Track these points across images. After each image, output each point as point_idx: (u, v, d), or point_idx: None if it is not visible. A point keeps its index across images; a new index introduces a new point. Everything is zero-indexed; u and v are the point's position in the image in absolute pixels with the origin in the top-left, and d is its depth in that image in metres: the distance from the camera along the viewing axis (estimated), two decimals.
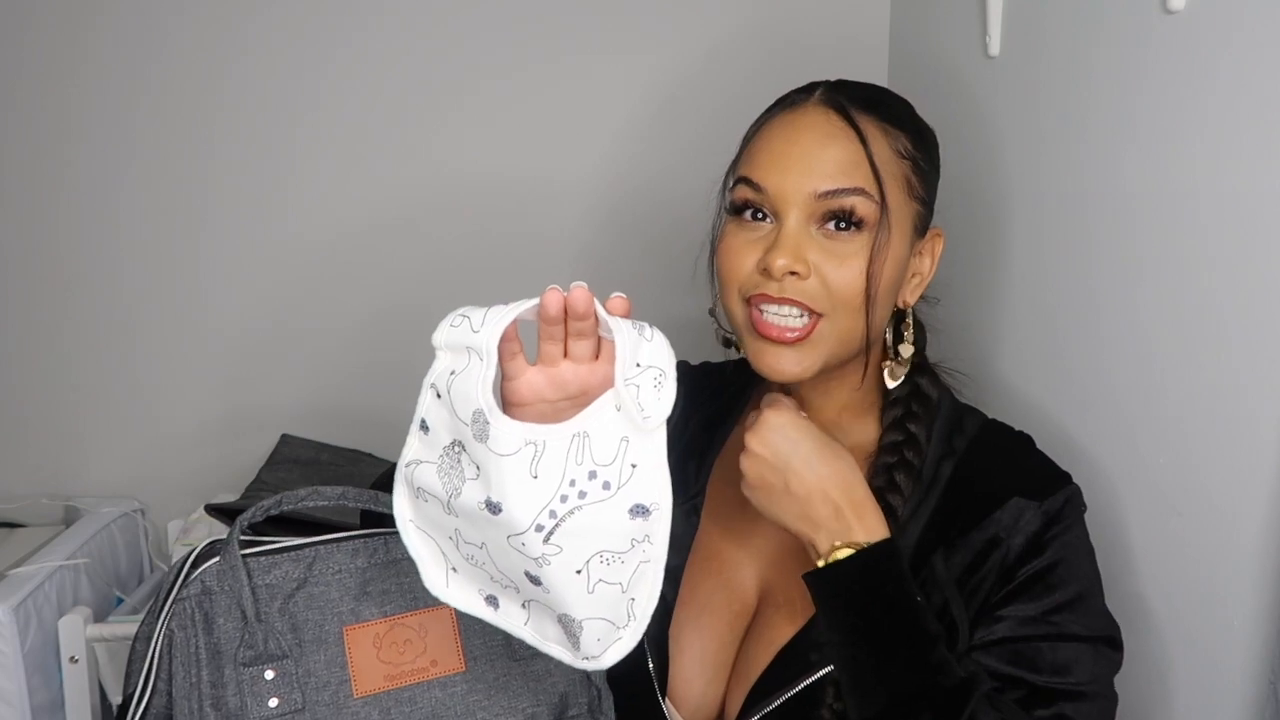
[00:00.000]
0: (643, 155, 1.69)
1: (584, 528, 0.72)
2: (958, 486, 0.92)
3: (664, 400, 0.73)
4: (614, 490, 0.72)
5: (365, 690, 0.84)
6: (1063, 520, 0.88)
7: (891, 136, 0.92)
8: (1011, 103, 1.19)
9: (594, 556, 0.73)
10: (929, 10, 1.46)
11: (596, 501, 0.72)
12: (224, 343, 1.71)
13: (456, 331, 0.73)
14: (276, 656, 0.83)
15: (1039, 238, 1.15)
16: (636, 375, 0.72)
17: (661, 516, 0.74)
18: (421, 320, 1.66)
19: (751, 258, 0.91)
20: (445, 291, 1.70)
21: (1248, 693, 0.87)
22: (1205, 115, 0.89)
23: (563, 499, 0.71)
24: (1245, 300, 0.85)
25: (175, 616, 0.82)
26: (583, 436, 0.72)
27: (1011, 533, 0.87)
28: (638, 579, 0.75)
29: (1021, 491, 0.89)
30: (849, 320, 0.90)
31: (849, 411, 0.99)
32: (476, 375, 0.71)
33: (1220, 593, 0.89)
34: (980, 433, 0.96)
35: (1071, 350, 1.10)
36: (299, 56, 1.63)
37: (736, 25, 1.64)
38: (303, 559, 0.86)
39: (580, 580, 0.73)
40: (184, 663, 0.81)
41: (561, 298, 0.71)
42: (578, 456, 0.71)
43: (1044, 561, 0.87)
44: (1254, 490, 0.85)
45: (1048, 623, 0.86)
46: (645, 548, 0.74)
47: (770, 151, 0.92)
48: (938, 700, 0.80)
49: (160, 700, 0.81)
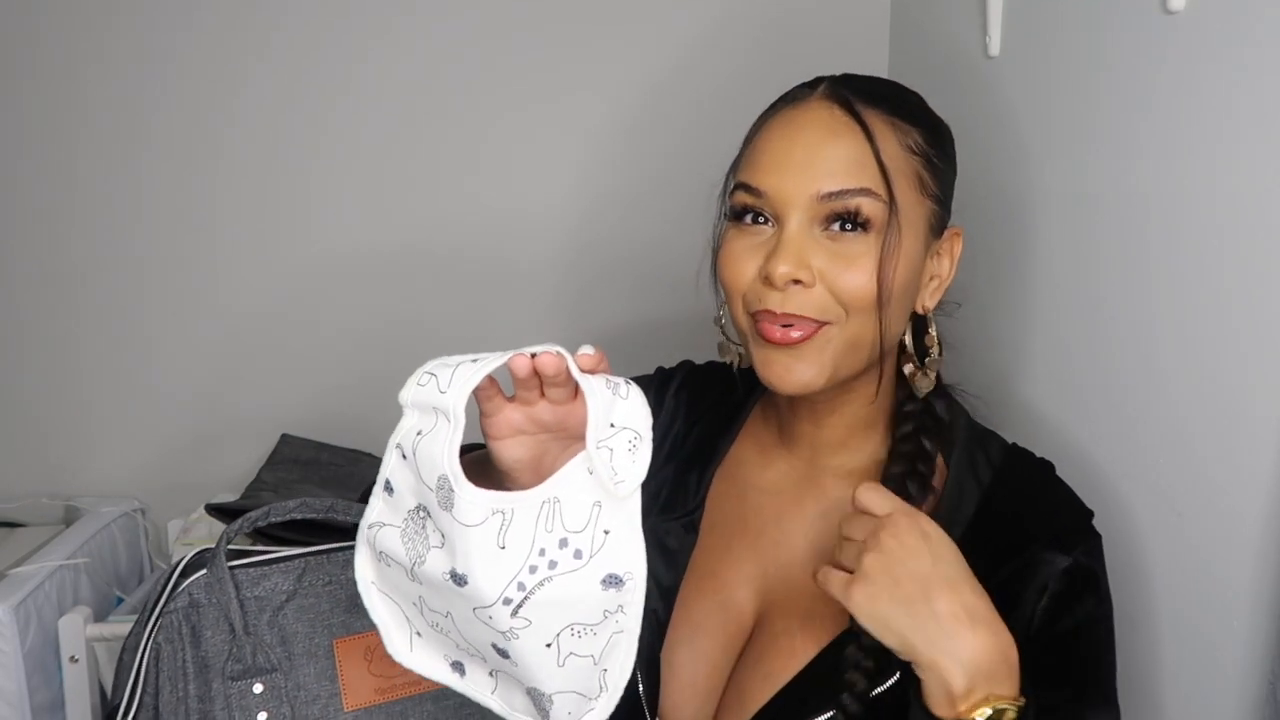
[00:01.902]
0: (641, 158, 1.68)
1: (554, 600, 0.69)
2: (984, 523, 0.87)
3: (639, 464, 0.70)
4: (586, 559, 0.69)
5: (356, 704, 0.83)
6: (1087, 576, 0.84)
7: (901, 132, 0.86)
8: (1011, 103, 1.18)
9: (565, 629, 0.70)
10: (929, 10, 1.45)
11: (567, 572, 0.69)
12: (224, 343, 1.71)
13: (424, 391, 0.70)
14: (265, 670, 0.82)
15: (1039, 239, 1.14)
16: (610, 437, 0.69)
17: (635, 586, 0.71)
18: (422, 320, 1.71)
19: (753, 264, 0.86)
20: (446, 291, 1.71)
21: (1247, 692, 0.87)
22: (1205, 116, 0.88)
23: (532, 570, 0.68)
24: (1246, 300, 0.84)
25: (162, 630, 0.81)
26: (553, 502, 0.69)
27: (1034, 588, 0.82)
28: (610, 650, 0.72)
29: (1045, 539, 0.84)
30: (861, 325, 0.85)
31: (859, 431, 0.94)
32: (443, 438, 0.68)
33: (1220, 593, 0.89)
34: (1004, 463, 0.91)
35: (1070, 350, 1.09)
36: (299, 72, 1.64)
37: (736, 26, 1.63)
38: (292, 570, 0.85)
39: (550, 654, 0.70)
40: (170, 676, 0.81)
41: (529, 363, 0.69)
42: (548, 523, 0.68)
43: (1068, 623, 0.82)
44: (1254, 490, 0.84)
45: (1066, 690, 0.81)
46: (619, 618, 0.71)
47: (769, 152, 0.87)
48: None
49: (147, 714, 0.81)
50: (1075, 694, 0.83)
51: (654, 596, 0.95)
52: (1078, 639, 0.83)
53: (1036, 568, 0.83)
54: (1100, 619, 0.85)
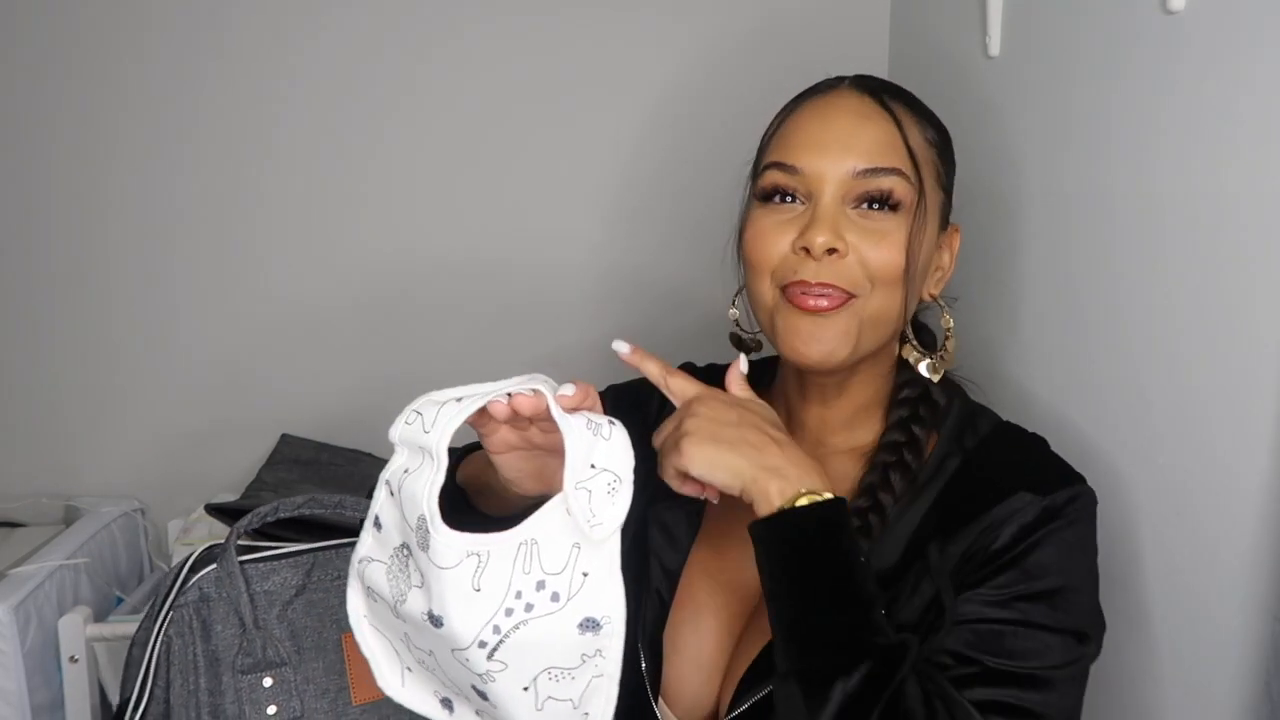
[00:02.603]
0: (649, 165, 1.69)
1: (530, 643, 0.68)
2: (962, 481, 0.91)
3: (618, 506, 0.70)
4: (563, 602, 0.69)
5: (364, 698, 0.84)
6: (1062, 516, 0.85)
7: (920, 124, 0.92)
8: (1011, 103, 1.19)
9: (542, 673, 0.70)
10: (929, 10, 1.45)
11: (544, 615, 0.68)
12: (225, 343, 1.72)
13: (410, 430, 0.70)
14: (275, 664, 0.82)
15: (1038, 238, 1.14)
16: (590, 478, 0.70)
17: (614, 631, 0.71)
18: (423, 320, 1.71)
19: (785, 239, 0.89)
20: (447, 291, 1.71)
21: (1244, 692, 0.87)
22: (1205, 115, 0.88)
23: (508, 613, 0.68)
24: (1244, 299, 0.85)
25: (173, 623, 0.82)
26: (530, 544, 0.68)
27: (1005, 522, 0.85)
28: (591, 694, 0.72)
29: (1026, 486, 0.86)
30: (886, 299, 0.88)
31: (863, 412, 0.97)
32: (426, 478, 0.68)
33: (1218, 592, 0.89)
34: (992, 433, 0.95)
35: (1069, 349, 1.10)
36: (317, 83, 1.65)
37: (736, 27, 1.64)
38: (301, 565, 0.86)
39: (528, 697, 0.70)
40: (181, 670, 0.81)
41: (506, 408, 0.71)
42: (525, 565, 0.68)
43: (1027, 550, 0.84)
44: (1251, 490, 0.84)
45: (1014, 609, 0.83)
46: (598, 662, 0.71)
47: (804, 133, 0.90)
48: (875, 658, 0.77)
49: (158, 708, 0.81)
50: (1022, 594, 0.83)
51: (658, 577, 0.98)
52: (1038, 553, 0.84)
53: (1011, 507, 0.85)
54: (1071, 548, 0.86)
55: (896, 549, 0.89)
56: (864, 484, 0.92)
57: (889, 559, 0.88)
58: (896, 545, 0.89)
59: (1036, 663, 0.82)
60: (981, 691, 0.80)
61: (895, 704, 0.76)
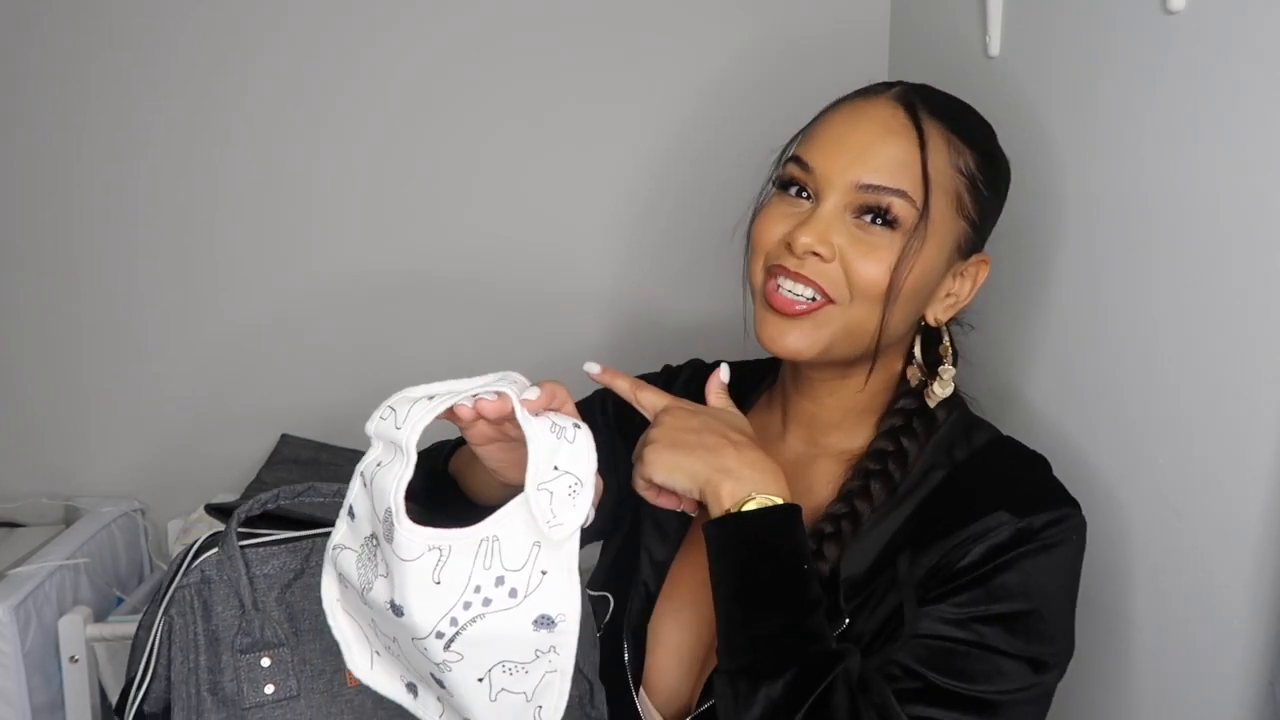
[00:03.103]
0: (652, 166, 1.70)
1: (486, 637, 0.71)
2: (944, 494, 0.90)
3: (578, 508, 0.72)
4: (520, 598, 0.71)
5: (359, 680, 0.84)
6: (1038, 539, 0.84)
7: (955, 150, 0.90)
8: (1011, 103, 1.19)
9: (496, 666, 0.72)
10: (929, 10, 1.46)
11: (501, 610, 0.71)
12: (225, 343, 1.72)
13: (384, 424, 0.73)
14: (273, 644, 0.84)
15: (1037, 238, 1.15)
16: (552, 480, 0.72)
17: (568, 629, 0.73)
18: (424, 320, 1.71)
19: (782, 228, 0.90)
20: (448, 291, 1.71)
21: (1246, 694, 0.87)
22: (1205, 116, 0.89)
23: (465, 606, 0.70)
24: (1245, 299, 0.85)
25: (175, 604, 0.84)
26: (492, 540, 0.71)
27: (978, 539, 0.84)
28: (544, 688, 0.74)
29: (1005, 504, 0.85)
30: (863, 312, 0.89)
31: (854, 415, 0.97)
32: (395, 473, 0.71)
33: (1219, 593, 0.89)
34: (987, 446, 0.94)
35: (1069, 349, 1.10)
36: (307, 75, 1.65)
37: (734, 27, 1.64)
38: (300, 550, 0.88)
39: (482, 688, 0.73)
40: (183, 648, 0.82)
41: (471, 412, 0.73)
42: (486, 561, 0.71)
43: (994, 570, 0.83)
44: (1254, 491, 0.85)
45: (970, 629, 0.82)
46: (551, 658, 0.74)
47: (828, 134, 0.91)
48: (802, 664, 0.78)
49: (159, 685, 0.82)
50: (982, 616, 0.83)
51: (647, 569, 1.00)
52: (1004, 574, 0.83)
53: (987, 526, 0.85)
54: (1045, 574, 0.85)
55: (867, 558, 0.89)
56: (844, 490, 0.93)
57: (859, 567, 0.88)
58: (867, 554, 0.89)
59: (985, 686, 0.82)
60: (923, 709, 0.81)
61: (817, 711, 0.77)
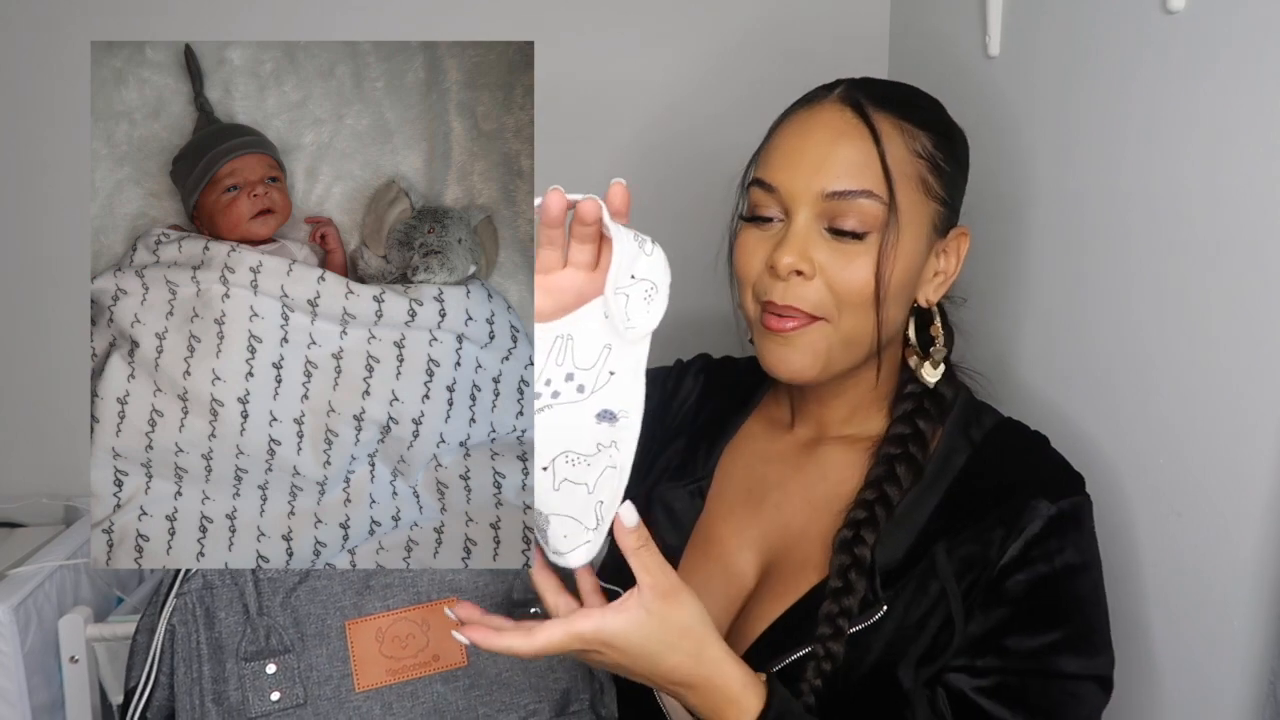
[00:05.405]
0: (653, 166, 1.69)
1: (551, 425, 0.74)
2: (969, 478, 0.92)
3: (653, 312, 0.74)
4: (587, 394, 0.74)
5: (367, 684, 0.84)
6: (1064, 530, 0.87)
7: (909, 135, 0.91)
8: (1011, 103, 1.19)
9: (560, 455, 0.74)
10: (929, 10, 1.46)
11: (568, 403, 0.74)
12: None
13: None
14: (278, 651, 0.83)
15: (1037, 238, 1.15)
16: (629, 285, 0.74)
17: (630, 424, 0.75)
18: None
19: (761, 254, 0.91)
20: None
21: (1247, 693, 0.87)
22: (1205, 116, 0.89)
23: (535, 396, 0.74)
24: (1245, 300, 0.85)
25: (177, 612, 0.83)
26: (566, 338, 0.74)
27: (1012, 529, 0.86)
28: (603, 482, 0.76)
29: (1032, 488, 0.88)
30: (857, 321, 0.90)
31: (863, 409, 0.99)
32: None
33: (1219, 593, 0.89)
34: (996, 428, 0.96)
35: (1068, 349, 1.10)
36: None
37: (734, 28, 1.64)
38: None
39: (547, 477, 0.75)
40: (185, 658, 0.82)
41: (564, 200, 0.72)
42: (559, 358, 0.74)
43: (1041, 578, 0.85)
44: (1253, 490, 0.85)
45: (1041, 659, 0.85)
46: (611, 453, 0.75)
47: (783, 151, 0.92)
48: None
49: (162, 694, 0.82)
50: (1052, 644, 0.85)
51: None
52: (1056, 587, 0.86)
53: (1020, 512, 0.87)
54: (1081, 569, 0.88)
55: (901, 547, 0.90)
56: (870, 477, 0.93)
57: (896, 554, 0.89)
58: (901, 543, 0.90)
59: (1060, 717, 0.85)
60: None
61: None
